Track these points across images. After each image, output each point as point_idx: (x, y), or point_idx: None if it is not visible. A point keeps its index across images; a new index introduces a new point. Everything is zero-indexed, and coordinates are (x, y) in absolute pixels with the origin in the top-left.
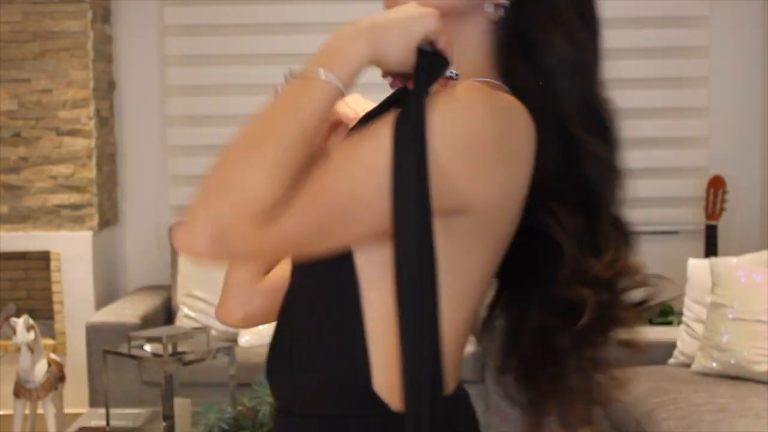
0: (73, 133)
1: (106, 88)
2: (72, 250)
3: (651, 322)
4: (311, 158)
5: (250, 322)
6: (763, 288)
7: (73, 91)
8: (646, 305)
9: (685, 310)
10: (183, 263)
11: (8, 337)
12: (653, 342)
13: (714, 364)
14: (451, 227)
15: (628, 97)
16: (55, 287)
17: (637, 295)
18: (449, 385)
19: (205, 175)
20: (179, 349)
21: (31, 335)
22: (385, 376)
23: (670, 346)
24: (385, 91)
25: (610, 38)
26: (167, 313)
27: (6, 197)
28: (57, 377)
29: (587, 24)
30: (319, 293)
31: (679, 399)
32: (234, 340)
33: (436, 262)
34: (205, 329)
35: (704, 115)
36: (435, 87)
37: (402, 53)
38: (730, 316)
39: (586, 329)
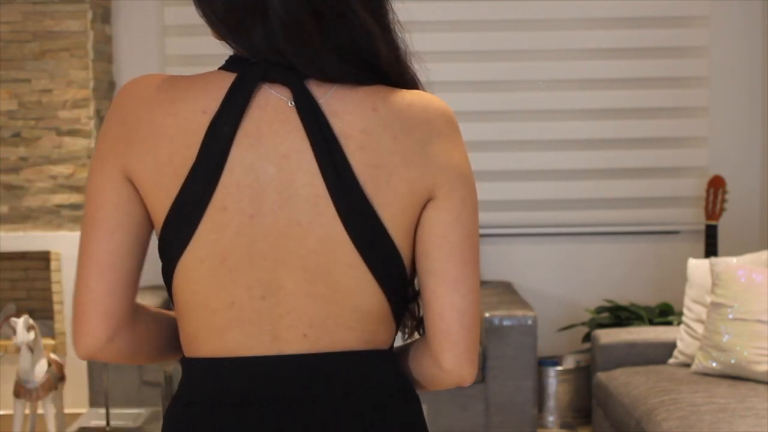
0: (73, 133)
1: (106, 88)
2: (72, 250)
3: (651, 322)
4: None
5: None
6: (763, 288)
7: (73, 91)
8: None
9: (685, 310)
10: None
11: (8, 337)
12: (653, 342)
13: (714, 364)
14: None
15: (628, 97)
16: (55, 287)
17: None
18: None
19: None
20: None
21: (31, 335)
22: None
23: (670, 346)
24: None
25: (611, 38)
26: None
27: (6, 197)
28: (57, 377)
29: None
30: None
31: (679, 399)
32: None
33: None
34: None
35: (704, 115)
36: None
37: None
38: (730, 316)
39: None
